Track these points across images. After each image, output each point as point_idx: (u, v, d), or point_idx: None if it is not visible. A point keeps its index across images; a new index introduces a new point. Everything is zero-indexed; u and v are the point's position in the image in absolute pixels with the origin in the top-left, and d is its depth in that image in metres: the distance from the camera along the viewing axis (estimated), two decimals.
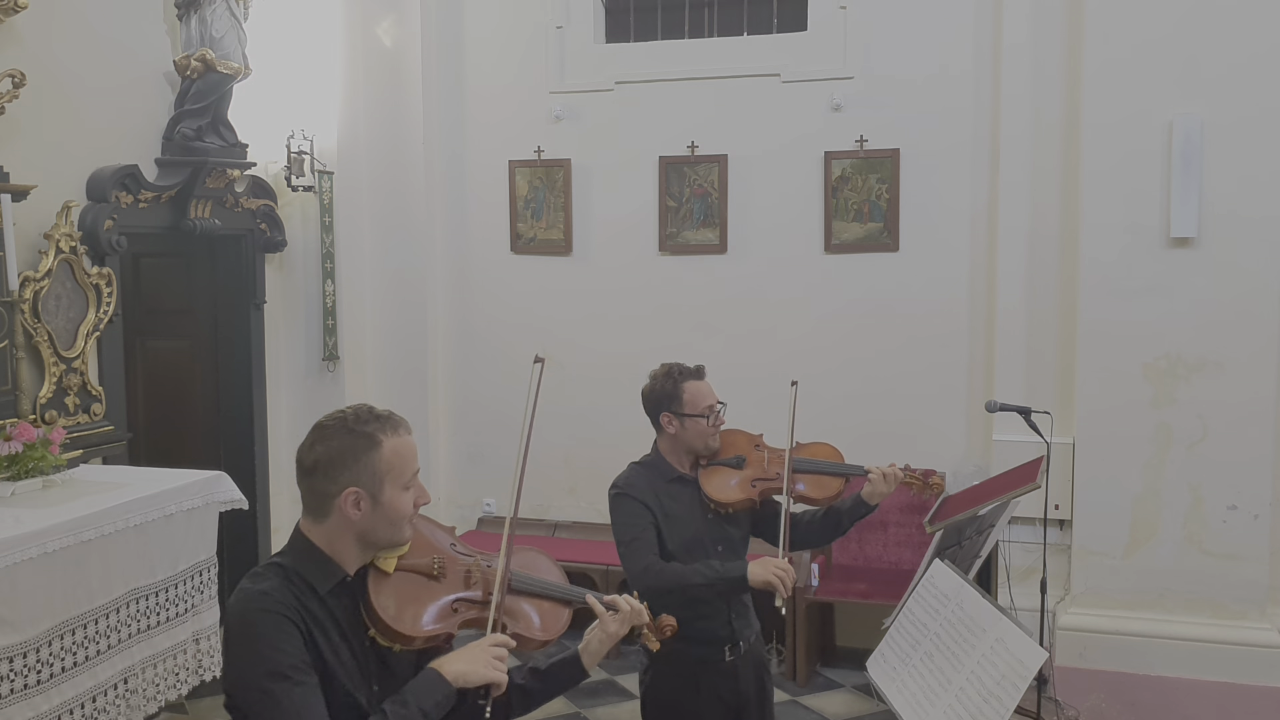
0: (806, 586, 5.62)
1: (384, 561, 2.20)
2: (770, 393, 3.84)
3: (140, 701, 4.14)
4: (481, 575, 2.30)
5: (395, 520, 2.17)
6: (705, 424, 3.39)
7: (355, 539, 2.16)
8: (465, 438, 6.66)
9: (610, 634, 2.39)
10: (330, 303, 6.24)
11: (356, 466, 2.12)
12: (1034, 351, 5.58)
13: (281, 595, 2.08)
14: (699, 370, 3.47)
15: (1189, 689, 5.11)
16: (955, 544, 4.16)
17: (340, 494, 2.11)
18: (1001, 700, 2.55)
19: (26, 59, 4.65)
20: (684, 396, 3.38)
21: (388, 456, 2.14)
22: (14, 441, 4.16)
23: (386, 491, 2.14)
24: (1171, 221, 5.06)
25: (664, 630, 2.49)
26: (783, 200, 6.08)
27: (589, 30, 6.36)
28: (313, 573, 2.13)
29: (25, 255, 4.69)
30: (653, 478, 3.40)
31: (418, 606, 2.19)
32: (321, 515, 2.15)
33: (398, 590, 2.19)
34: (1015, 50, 5.52)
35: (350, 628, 2.16)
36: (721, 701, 3.39)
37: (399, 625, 2.15)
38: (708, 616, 3.34)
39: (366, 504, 2.13)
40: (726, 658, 3.39)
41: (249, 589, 2.11)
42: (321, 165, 6.12)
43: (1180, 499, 5.16)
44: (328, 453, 2.13)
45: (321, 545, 2.15)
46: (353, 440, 2.13)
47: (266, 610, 2.05)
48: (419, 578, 2.23)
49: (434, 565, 2.25)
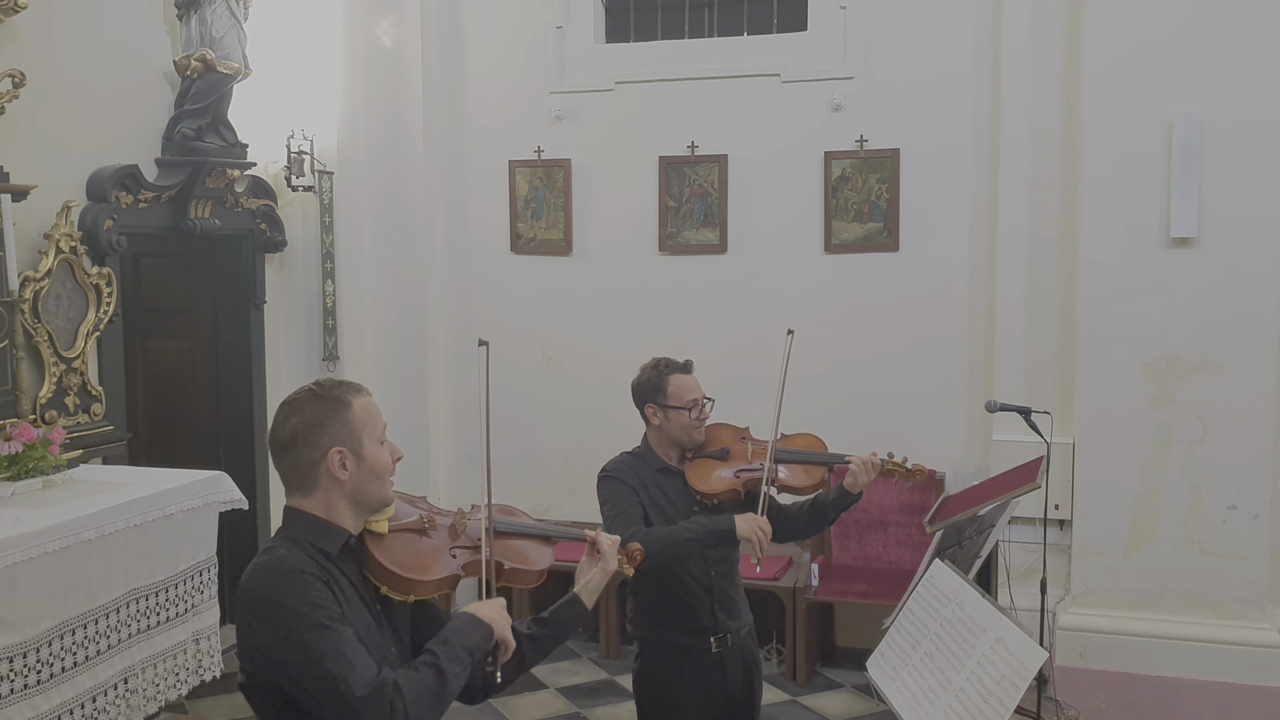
0: (806, 586, 5.62)
1: (376, 525, 2.26)
2: (769, 392, 3.84)
3: (140, 701, 4.14)
4: (466, 526, 2.41)
5: (379, 473, 2.22)
6: (687, 416, 3.46)
7: (348, 502, 2.20)
8: (465, 438, 6.66)
9: (608, 570, 2.55)
10: (330, 303, 6.24)
11: (334, 427, 2.17)
12: (1034, 351, 5.58)
13: (298, 557, 2.11)
14: (686, 365, 3.54)
15: (1189, 689, 5.11)
16: (955, 544, 4.16)
17: (324, 458, 2.16)
18: (1001, 700, 2.55)
19: (26, 59, 4.65)
20: (668, 389, 3.46)
21: (359, 414, 2.20)
22: (14, 441, 4.16)
23: (366, 446, 2.20)
24: (1171, 221, 5.06)
25: (634, 555, 2.68)
26: (783, 200, 6.08)
27: (589, 30, 6.36)
28: (319, 537, 2.17)
29: (25, 255, 4.69)
30: (641, 467, 3.48)
31: (421, 557, 2.28)
32: (309, 487, 2.19)
33: (398, 547, 2.27)
34: (1016, 50, 5.51)
35: (363, 589, 2.20)
36: (707, 691, 3.43)
37: (413, 574, 2.22)
38: (691, 607, 3.41)
39: (351, 462, 2.18)
40: (713, 649, 3.43)
41: (263, 560, 2.13)
42: (321, 165, 6.12)
43: (1180, 499, 5.16)
44: (303, 421, 2.18)
45: (318, 513, 2.19)
46: (324, 405, 2.19)
47: (287, 570, 2.07)
48: (413, 535, 2.31)
49: (423, 521, 2.34)
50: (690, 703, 3.42)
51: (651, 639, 3.49)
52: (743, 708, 3.53)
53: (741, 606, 3.54)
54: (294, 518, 2.21)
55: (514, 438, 6.49)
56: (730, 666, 3.47)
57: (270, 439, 2.23)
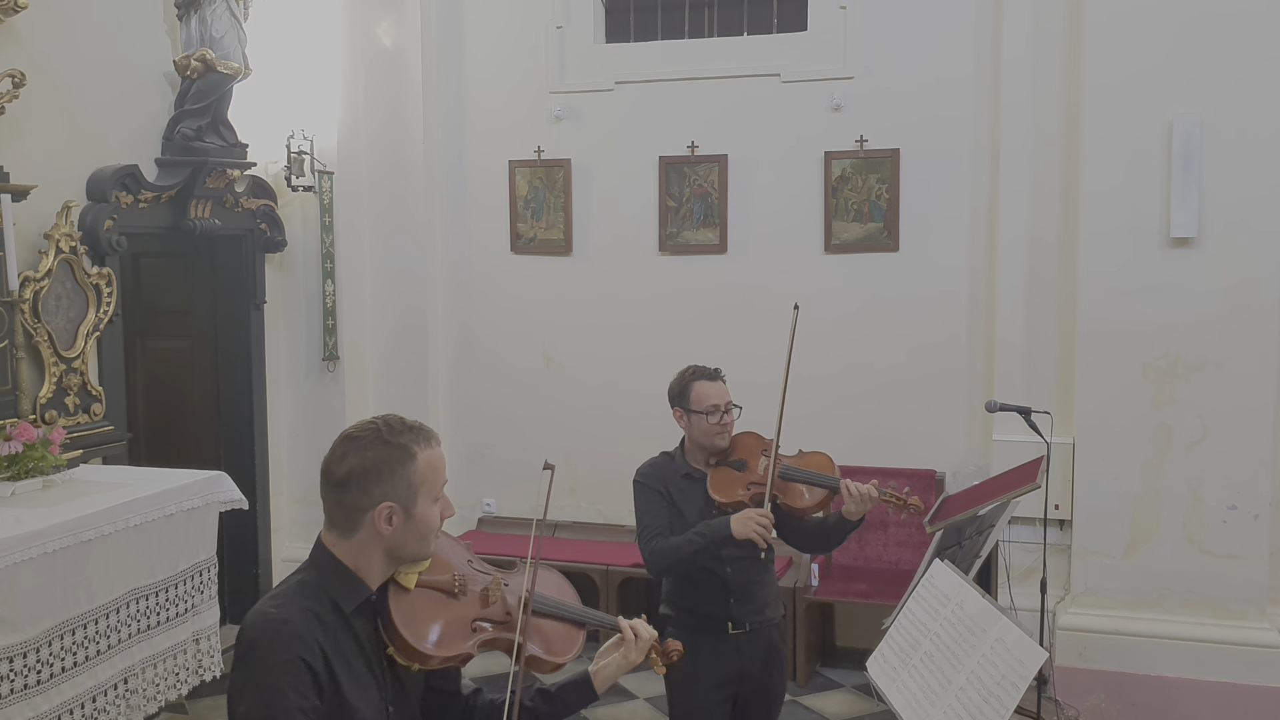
0: (806, 586, 5.62)
1: (404, 577, 2.14)
2: (769, 391, 3.84)
3: (140, 701, 4.14)
4: (500, 595, 2.25)
5: (425, 534, 2.10)
6: (707, 422, 3.59)
7: (383, 554, 2.09)
8: (465, 437, 6.65)
9: (630, 660, 2.36)
10: (330, 303, 6.24)
11: (393, 479, 2.05)
12: (1034, 351, 5.58)
13: (301, 625, 2.00)
14: (713, 372, 3.68)
15: (1189, 689, 5.11)
16: (955, 544, 4.16)
17: (374, 508, 2.04)
18: (1001, 700, 2.55)
19: (26, 59, 4.65)
20: (691, 395, 3.62)
21: (422, 469, 2.08)
22: (14, 441, 4.16)
23: (419, 505, 2.07)
24: (1171, 222, 5.06)
25: (670, 655, 2.48)
26: (783, 200, 6.07)
27: (589, 30, 6.36)
28: (339, 591, 2.06)
29: (25, 255, 4.69)
30: (669, 470, 3.66)
31: (438, 626, 2.14)
32: (350, 530, 2.08)
33: (419, 608, 2.14)
34: (1016, 50, 5.51)
35: (371, 647, 2.10)
36: (724, 672, 3.56)
37: (420, 645, 2.10)
38: (708, 597, 3.57)
39: (399, 518, 2.06)
40: (730, 631, 3.56)
41: (269, 614, 2.02)
42: (321, 165, 6.13)
43: (1180, 499, 5.16)
44: (362, 465, 2.05)
45: (347, 562, 2.08)
46: (388, 452, 2.06)
47: (280, 644, 1.97)
48: (439, 595, 2.17)
49: (454, 583, 2.20)
50: (706, 679, 3.55)
51: (674, 615, 3.65)
52: (759, 695, 3.64)
53: (765, 601, 3.65)
54: (323, 559, 2.10)
55: (514, 437, 6.49)
56: (748, 653, 3.59)
57: (323, 470, 2.10)
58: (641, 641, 2.36)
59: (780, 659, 3.73)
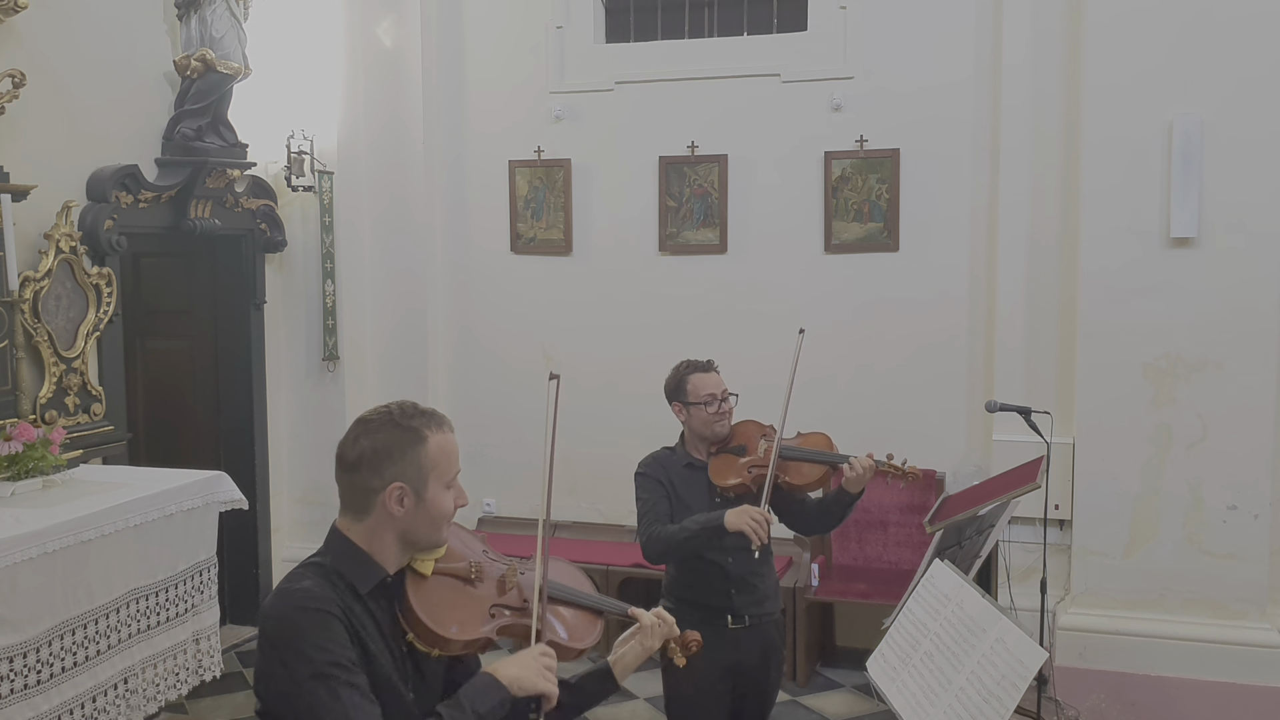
0: (806, 586, 5.62)
1: (421, 564, 2.15)
2: (769, 391, 3.85)
3: (140, 701, 4.14)
4: (516, 582, 2.27)
5: (436, 519, 2.12)
6: (705, 411, 3.66)
7: (396, 538, 2.11)
8: (465, 437, 6.54)
9: (647, 647, 2.37)
10: (330, 303, 6.24)
11: (403, 461, 2.08)
12: (1034, 351, 5.58)
13: (323, 592, 2.02)
14: (706, 364, 3.75)
15: (1189, 689, 5.11)
16: (955, 544, 4.16)
17: (385, 489, 2.07)
18: (1001, 700, 2.55)
19: (26, 59, 4.65)
20: (688, 387, 3.69)
21: (433, 452, 2.10)
22: (14, 441, 4.16)
23: (430, 488, 2.10)
24: (1171, 222, 5.06)
25: (689, 645, 2.46)
26: (783, 200, 6.07)
27: (589, 30, 6.36)
28: (353, 572, 2.08)
29: (25, 255, 4.69)
30: (670, 462, 3.73)
31: (457, 611, 2.15)
32: (362, 513, 2.10)
33: (436, 594, 2.15)
34: (1016, 50, 5.51)
35: (389, 631, 2.11)
36: (722, 665, 3.57)
37: (440, 629, 2.10)
38: (709, 587, 3.62)
39: (410, 500, 2.08)
40: (729, 625, 3.59)
41: (288, 588, 2.04)
42: (321, 165, 6.13)
43: (1180, 499, 5.16)
44: (373, 446, 2.08)
45: (361, 544, 2.10)
46: (399, 434, 2.09)
47: (308, 608, 1.98)
48: (456, 582, 2.19)
49: (470, 570, 2.21)
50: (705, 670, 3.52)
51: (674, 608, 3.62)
52: (756, 689, 3.66)
53: (766, 595, 3.69)
54: (337, 542, 2.12)
55: (513, 437, 6.49)
56: (747, 647, 3.63)
57: (338, 454, 2.12)
58: (659, 627, 2.38)
59: (778, 655, 3.77)
